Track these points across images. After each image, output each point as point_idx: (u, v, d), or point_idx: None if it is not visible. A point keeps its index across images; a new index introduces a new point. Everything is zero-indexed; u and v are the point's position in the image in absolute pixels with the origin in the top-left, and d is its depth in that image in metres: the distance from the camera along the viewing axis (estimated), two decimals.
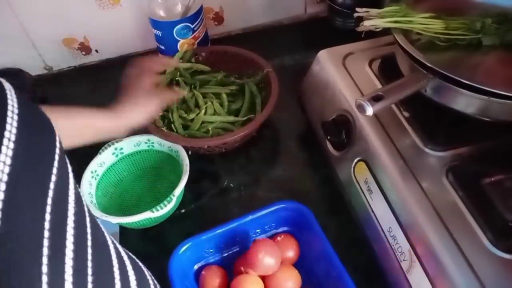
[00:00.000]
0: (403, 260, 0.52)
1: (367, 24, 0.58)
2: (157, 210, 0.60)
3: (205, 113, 0.73)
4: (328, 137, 0.66)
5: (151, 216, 0.60)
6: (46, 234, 0.24)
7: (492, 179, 0.51)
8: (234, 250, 0.62)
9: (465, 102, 0.53)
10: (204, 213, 0.69)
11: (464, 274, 0.45)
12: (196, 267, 0.61)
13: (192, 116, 0.72)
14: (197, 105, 0.75)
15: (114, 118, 0.59)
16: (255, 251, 0.56)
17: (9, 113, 0.24)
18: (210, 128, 0.71)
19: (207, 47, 0.89)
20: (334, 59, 0.71)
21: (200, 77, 0.80)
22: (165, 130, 0.71)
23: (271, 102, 0.70)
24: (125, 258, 0.35)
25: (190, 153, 0.70)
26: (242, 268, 0.58)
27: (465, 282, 0.45)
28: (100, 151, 0.69)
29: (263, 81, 0.77)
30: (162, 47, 0.90)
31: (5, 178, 0.23)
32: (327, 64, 0.71)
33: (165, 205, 0.61)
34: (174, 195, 0.61)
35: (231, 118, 0.73)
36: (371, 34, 0.62)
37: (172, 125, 0.72)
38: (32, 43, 0.90)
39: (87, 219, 0.29)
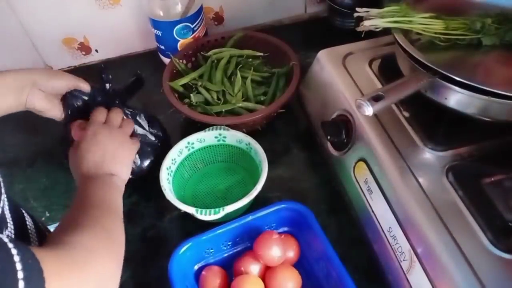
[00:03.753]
0: (403, 260, 0.52)
1: (367, 24, 0.58)
2: (201, 213, 0.60)
3: (242, 97, 0.77)
4: (328, 137, 0.66)
5: (195, 215, 0.60)
6: None
7: (492, 179, 0.51)
8: (235, 251, 0.62)
9: (465, 102, 0.53)
10: None
11: (464, 274, 0.45)
12: (196, 267, 0.61)
13: (234, 101, 0.76)
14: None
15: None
16: (265, 239, 0.57)
17: None
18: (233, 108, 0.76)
19: (244, 31, 0.90)
20: (334, 59, 0.71)
21: (238, 59, 0.83)
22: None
23: (292, 85, 0.74)
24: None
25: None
26: (242, 269, 0.58)
27: (465, 282, 0.45)
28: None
29: (288, 74, 0.79)
30: (162, 47, 0.90)
31: None
32: (327, 64, 0.71)
33: (210, 214, 0.60)
34: (223, 209, 0.60)
35: (257, 105, 0.76)
36: (371, 34, 0.62)
37: (191, 96, 0.76)
38: (32, 43, 0.90)
39: None
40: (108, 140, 0.58)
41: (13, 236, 0.41)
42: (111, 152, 0.57)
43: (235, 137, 0.71)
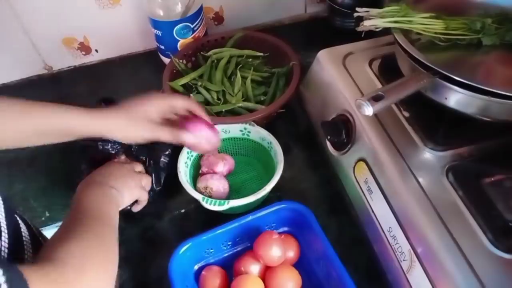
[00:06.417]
0: (403, 260, 0.52)
1: (367, 24, 0.58)
2: (207, 202, 0.61)
3: (242, 97, 0.77)
4: (328, 137, 0.66)
5: (201, 202, 0.61)
6: None
7: (492, 179, 0.51)
8: (235, 250, 0.62)
9: (465, 102, 0.53)
10: (204, 213, 0.69)
11: (464, 274, 0.45)
12: (196, 267, 0.61)
13: (233, 100, 0.76)
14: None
15: (90, 120, 0.53)
16: (265, 240, 0.57)
17: None
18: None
19: (245, 31, 0.90)
20: (334, 59, 0.71)
21: (238, 59, 0.83)
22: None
23: (292, 85, 0.74)
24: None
25: None
26: (242, 269, 0.58)
27: (465, 282, 0.45)
28: None
29: (288, 74, 0.79)
30: (162, 47, 0.90)
31: None
32: (327, 64, 0.71)
33: (215, 204, 0.61)
34: (228, 203, 0.61)
35: (257, 105, 0.76)
36: (371, 34, 0.62)
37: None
38: (32, 43, 0.90)
39: None
40: (117, 170, 0.60)
41: (7, 245, 0.40)
42: (119, 176, 0.58)
43: (258, 134, 0.71)
